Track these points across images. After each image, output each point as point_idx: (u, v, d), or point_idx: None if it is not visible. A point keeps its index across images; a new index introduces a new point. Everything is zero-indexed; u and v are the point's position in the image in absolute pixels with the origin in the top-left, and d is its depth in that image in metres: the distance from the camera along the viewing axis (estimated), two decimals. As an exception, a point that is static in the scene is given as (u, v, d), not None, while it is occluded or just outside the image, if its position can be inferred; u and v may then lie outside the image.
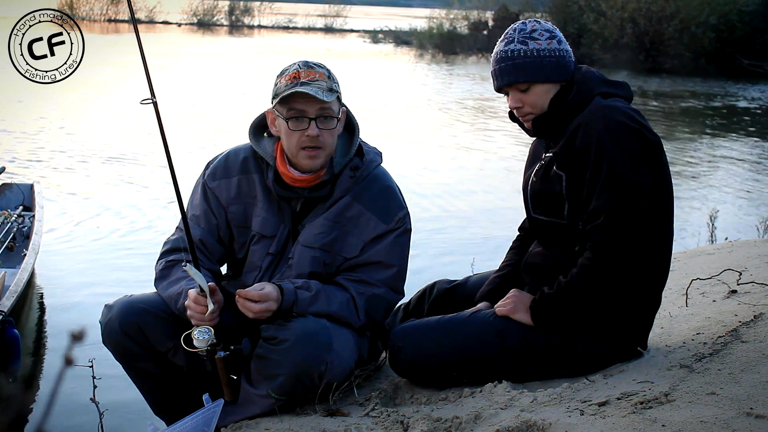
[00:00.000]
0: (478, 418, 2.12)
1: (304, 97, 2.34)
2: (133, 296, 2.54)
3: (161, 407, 2.63)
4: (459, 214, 7.47)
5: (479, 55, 28.73)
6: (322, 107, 2.36)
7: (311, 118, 2.37)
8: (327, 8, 42.53)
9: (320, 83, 2.36)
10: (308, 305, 2.38)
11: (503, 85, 2.41)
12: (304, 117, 2.37)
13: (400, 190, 2.60)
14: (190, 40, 29.56)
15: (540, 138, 2.52)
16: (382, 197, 2.52)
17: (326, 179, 2.47)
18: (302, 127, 2.37)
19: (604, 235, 2.24)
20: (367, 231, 2.48)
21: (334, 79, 2.42)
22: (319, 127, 2.37)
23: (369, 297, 2.47)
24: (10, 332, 3.49)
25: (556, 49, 2.38)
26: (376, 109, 13.94)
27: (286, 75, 2.39)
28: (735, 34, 24.51)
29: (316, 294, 2.40)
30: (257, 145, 2.53)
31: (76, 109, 12.48)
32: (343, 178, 2.49)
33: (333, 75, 2.43)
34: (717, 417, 1.86)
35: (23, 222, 5.19)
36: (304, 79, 2.36)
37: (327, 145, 2.40)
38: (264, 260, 2.50)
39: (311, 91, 2.33)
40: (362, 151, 2.54)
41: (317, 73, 2.38)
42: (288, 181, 2.47)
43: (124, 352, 2.50)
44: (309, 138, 2.36)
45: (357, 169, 2.50)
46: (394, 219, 2.51)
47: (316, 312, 2.39)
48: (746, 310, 2.67)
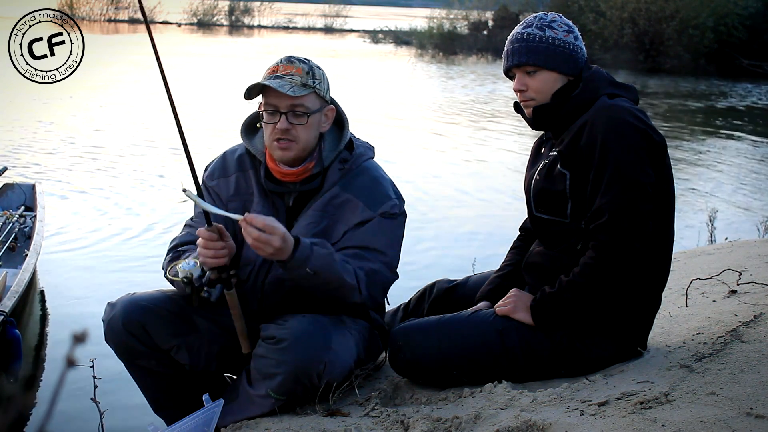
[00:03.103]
0: (478, 418, 2.12)
1: (276, 91, 2.37)
2: (136, 294, 2.54)
3: (161, 405, 2.63)
4: (459, 214, 7.47)
5: (479, 55, 28.74)
6: (293, 103, 2.38)
7: (282, 112, 2.39)
8: (327, 8, 42.55)
9: (294, 78, 2.38)
10: (321, 264, 2.29)
11: (512, 65, 2.42)
12: (276, 111, 2.40)
13: (393, 183, 2.59)
14: (190, 40, 29.56)
15: (539, 130, 2.53)
16: (370, 186, 2.51)
17: (316, 172, 2.48)
18: (274, 120, 2.41)
19: (607, 234, 2.24)
20: (353, 217, 2.46)
21: (316, 75, 2.43)
22: (289, 121, 2.39)
23: (367, 271, 2.42)
24: (11, 332, 3.49)
25: (570, 43, 2.40)
26: (376, 109, 13.94)
27: (268, 69, 2.43)
28: (734, 35, 24.51)
29: (330, 254, 2.33)
30: (249, 142, 2.56)
31: (76, 109, 12.47)
32: (332, 171, 2.50)
33: (316, 71, 2.43)
34: (717, 417, 1.86)
35: (25, 222, 5.20)
36: (280, 73, 2.39)
37: (300, 140, 2.42)
38: (259, 255, 2.50)
39: (276, 84, 2.35)
40: (353, 145, 2.56)
41: (295, 68, 2.40)
42: (278, 176, 2.49)
43: (126, 350, 2.50)
44: (279, 131, 2.39)
45: (346, 162, 2.51)
46: (381, 207, 2.48)
47: (329, 275, 2.31)
48: (746, 310, 2.67)
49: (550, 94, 2.39)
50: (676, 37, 24.21)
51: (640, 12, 24.76)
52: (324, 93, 2.45)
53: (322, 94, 2.45)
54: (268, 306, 2.50)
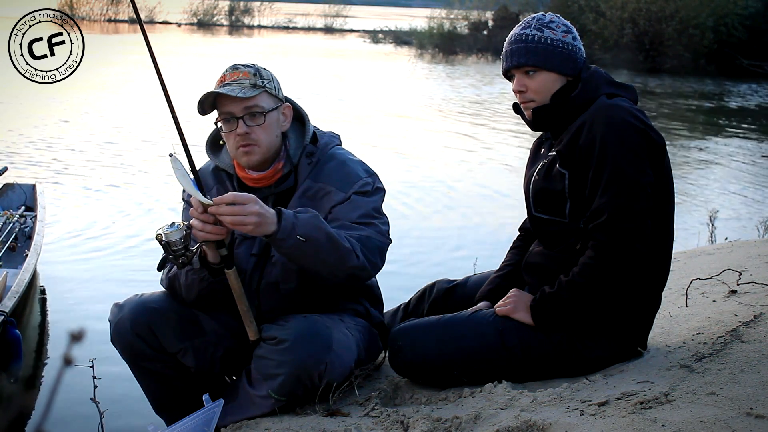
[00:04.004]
0: (478, 418, 2.12)
1: (229, 98, 2.37)
2: (143, 295, 2.53)
3: (163, 406, 2.63)
4: (459, 214, 7.47)
5: (479, 55, 28.73)
6: (247, 105, 2.38)
7: (238, 117, 2.39)
8: (327, 8, 42.53)
9: (242, 81, 2.39)
10: (311, 227, 2.23)
11: (511, 66, 2.43)
12: (232, 117, 2.40)
13: (362, 162, 2.57)
14: (190, 40, 29.56)
15: (539, 131, 2.53)
16: (339, 170, 2.50)
17: (287, 172, 2.49)
18: (232, 127, 2.41)
19: (606, 234, 2.24)
20: (329, 202, 2.45)
21: (263, 75, 2.44)
22: (247, 124, 2.39)
23: (359, 237, 2.38)
24: (11, 332, 3.49)
25: (569, 43, 2.40)
26: (377, 109, 13.94)
27: (216, 81, 2.44)
28: (734, 35, 24.51)
29: (316, 216, 2.28)
30: (216, 159, 2.57)
31: (77, 110, 12.47)
32: (302, 167, 2.50)
33: (263, 72, 2.45)
34: (717, 417, 1.86)
35: (25, 222, 5.20)
36: (228, 81, 2.40)
37: (261, 141, 2.41)
38: (249, 262, 2.50)
39: (227, 90, 2.36)
40: (317, 137, 2.56)
41: (241, 73, 2.41)
42: (250, 184, 2.49)
43: (133, 351, 2.49)
44: (240, 137, 2.39)
45: (312, 155, 2.52)
46: (353, 187, 2.46)
47: (320, 237, 2.24)
48: (746, 310, 2.67)
49: (549, 94, 2.40)
50: (676, 37, 24.20)
51: (640, 12, 24.75)
52: (275, 91, 2.46)
53: (274, 93, 2.45)
54: (264, 312, 2.50)
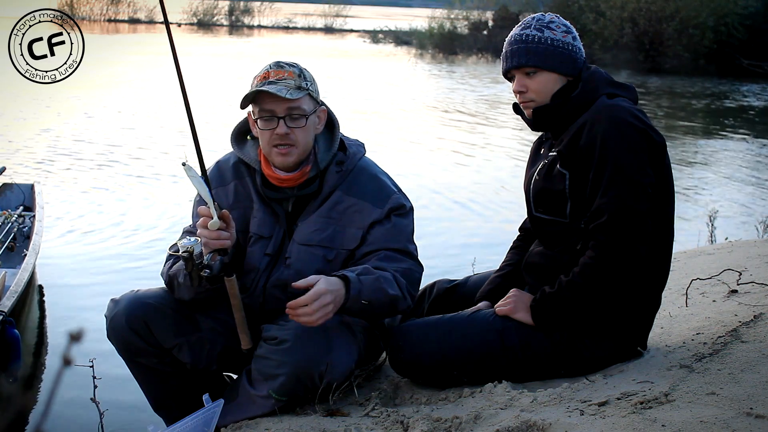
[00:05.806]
0: (478, 418, 2.12)
1: (272, 96, 2.36)
2: (140, 291, 2.53)
3: (161, 403, 2.63)
4: (459, 214, 7.47)
5: (479, 56, 28.74)
6: (290, 106, 2.38)
7: (280, 117, 2.39)
8: (327, 8, 42.54)
9: (288, 81, 2.38)
10: (372, 290, 2.31)
11: (511, 67, 2.42)
12: (273, 116, 2.39)
13: (389, 176, 2.61)
14: (190, 40, 29.55)
15: (539, 131, 2.53)
16: (371, 185, 2.52)
17: (313, 176, 2.48)
18: (271, 126, 2.40)
19: (607, 234, 2.24)
20: (364, 219, 2.48)
21: (307, 77, 2.44)
22: (288, 125, 2.39)
23: (403, 272, 2.44)
24: (10, 332, 3.49)
25: (569, 43, 2.40)
26: (376, 109, 13.94)
27: (258, 76, 2.42)
28: (734, 35, 24.51)
29: (377, 278, 2.33)
30: (240, 151, 2.56)
31: (76, 110, 12.48)
32: (330, 174, 2.50)
33: (306, 74, 2.44)
34: (717, 417, 1.86)
35: (24, 222, 5.20)
36: (272, 79, 2.39)
37: (299, 143, 2.41)
38: (261, 261, 2.50)
39: (273, 89, 2.35)
40: (344, 145, 2.56)
41: (286, 72, 2.40)
42: (275, 183, 2.49)
43: (129, 347, 2.49)
44: (279, 136, 2.39)
45: (342, 164, 2.52)
46: (388, 202, 2.50)
47: (380, 298, 2.32)
48: (746, 310, 2.67)
49: (549, 95, 2.39)
50: (676, 37, 24.20)
51: (640, 12, 24.76)
52: (316, 94, 2.46)
53: (315, 96, 2.46)
54: (271, 310, 2.50)
